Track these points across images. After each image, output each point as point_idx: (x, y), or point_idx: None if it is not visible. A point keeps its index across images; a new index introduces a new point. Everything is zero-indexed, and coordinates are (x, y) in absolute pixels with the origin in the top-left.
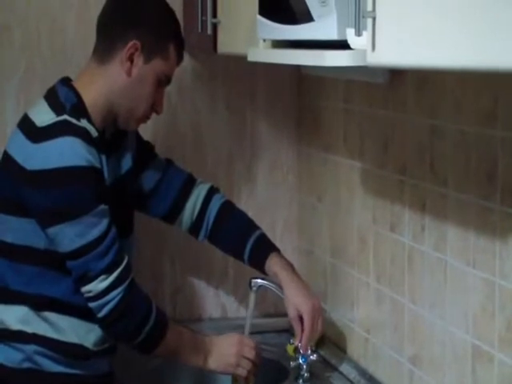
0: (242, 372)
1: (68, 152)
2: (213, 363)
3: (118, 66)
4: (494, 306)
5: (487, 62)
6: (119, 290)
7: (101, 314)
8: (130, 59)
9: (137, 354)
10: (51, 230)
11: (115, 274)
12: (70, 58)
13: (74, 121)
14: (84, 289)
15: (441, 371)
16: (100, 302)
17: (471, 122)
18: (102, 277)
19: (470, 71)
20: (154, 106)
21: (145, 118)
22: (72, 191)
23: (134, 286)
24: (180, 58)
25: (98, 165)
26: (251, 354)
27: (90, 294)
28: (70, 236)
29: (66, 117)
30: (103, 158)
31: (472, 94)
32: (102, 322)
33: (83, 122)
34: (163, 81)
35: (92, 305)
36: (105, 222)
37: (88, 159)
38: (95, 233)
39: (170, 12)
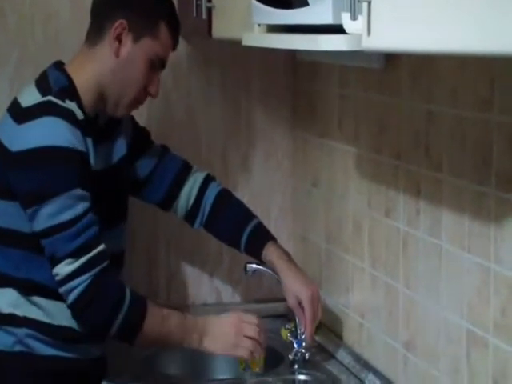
0: (245, 353)
1: (48, 132)
2: (209, 344)
3: (107, 48)
4: (489, 291)
5: (484, 46)
6: (85, 276)
7: (68, 301)
8: (118, 39)
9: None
10: (29, 212)
11: (83, 260)
12: (64, 44)
13: (58, 102)
14: (53, 271)
15: (435, 356)
16: (66, 287)
17: (467, 106)
18: (69, 260)
19: (466, 55)
20: (148, 89)
21: (136, 102)
22: (48, 171)
23: (104, 274)
24: (174, 40)
25: (81, 147)
26: (253, 332)
27: (58, 278)
28: (42, 216)
29: (50, 98)
30: (89, 141)
31: (468, 79)
32: (71, 310)
33: (69, 104)
34: (155, 62)
35: (60, 290)
36: (81, 207)
37: (69, 140)
38: (67, 215)
39: None
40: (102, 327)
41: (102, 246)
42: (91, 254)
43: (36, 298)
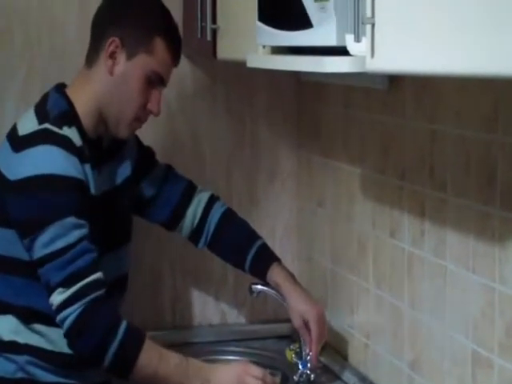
0: None
1: (43, 160)
2: None
3: (103, 67)
4: (494, 311)
5: (486, 68)
6: (77, 305)
7: (63, 331)
8: (112, 57)
9: None
10: (26, 242)
11: (74, 288)
12: (71, 61)
13: (55, 129)
14: (49, 301)
15: (440, 377)
16: (60, 316)
17: (471, 127)
18: (60, 289)
19: (469, 77)
20: (149, 107)
21: (138, 121)
22: (42, 199)
23: (97, 303)
24: (173, 56)
25: (77, 175)
26: None
27: (53, 307)
28: (38, 245)
29: (46, 125)
30: (87, 167)
31: (472, 99)
32: (66, 339)
33: (67, 131)
34: (153, 78)
35: (56, 319)
36: (74, 235)
37: (64, 168)
38: (59, 244)
39: (156, 6)
40: (94, 357)
41: (96, 275)
42: (83, 283)
43: (37, 326)
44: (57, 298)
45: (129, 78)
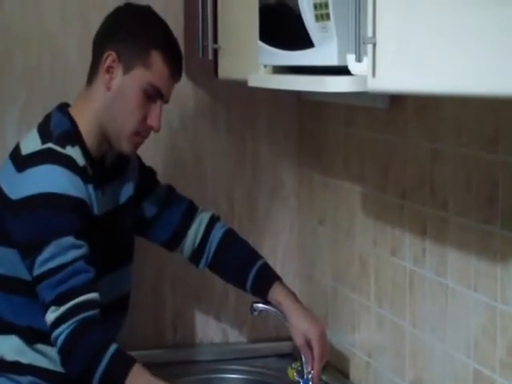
0: None
1: (44, 179)
2: None
3: (101, 83)
4: (496, 330)
5: (487, 88)
6: (67, 324)
7: (56, 350)
8: (109, 72)
9: None
10: (26, 263)
11: (64, 308)
12: (72, 84)
13: (58, 149)
14: (45, 319)
15: None
16: (53, 334)
17: (472, 146)
18: (52, 308)
19: (470, 97)
20: (148, 122)
21: (137, 136)
22: (40, 217)
23: (88, 323)
24: (171, 69)
25: (79, 194)
26: None
27: (48, 326)
28: (37, 264)
29: (50, 145)
30: (90, 187)
31: (473, 119)
32: (59, 358)
33: (70, 150)
34: (150, 92)
35: (51, 338)
36: (70, 255)
37: (65, 187)
38: (55, 262)
39: (152, 20)
40: (83, 377)
41: (91, 295)
42: (74, 302)
43: (39, 346)
44: (50, 316)
45: (126, 91)
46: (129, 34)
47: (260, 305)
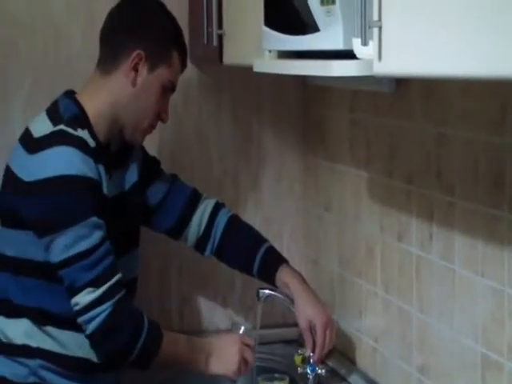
0: (238, 375)
1: (61, 161)
2: (215, 365)
3: (123, 77)
4: (503, 314)
5: (494, 70)
6: (105, 305)
7: (88, 331)
8: (135, 69)
9: None
10: (44, 240)
11: (102, 289)
12: (77, 71)
13: (70, 130)
14: (72, 301)
15: (450, 381)
16: (86, 316)
17: (478, 129)
18: (89, 289)
19: (476, 80)
20: (160, 115)
21: (151, 128)
22: (63, 201)
23: (123, 303)
24: (184, 65)
25: (93, 175)
26: (251, 357)
27: (77, 307)
28: (59, 246)
29: (62, 127)
30: (101, 168)
31: (479, 102)
32: (90, 340)
33: (81, 132)
34: (168, 88)
35: (79, 319)
36: (97, 235)
37: (81, 169)
38: (85, 245)
39: (172, 19)
40: (121, 355)
41: (119, 275)
42: (110, 283)
43: (49, 328)
44: (84, 298)
45: (149, 89)
46: (155, 33)
47: (266, 291)
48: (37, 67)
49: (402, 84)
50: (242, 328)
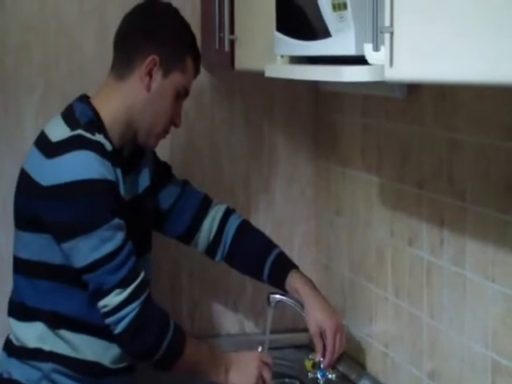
0: None
1: (81, 166)
2: (234, 378)
3: (138, 82)
4: None
5: (506, 77)
6: (134, 304)
7: (117, 331)
8: (149, 74)
9: (155, 371)
10: (66, 245)
11: (130, 289)
12: (89, 76)
13: (88, 135)
14: (100, 303)
15: None
16: (115, 317)
17: (490, 135)
18: (117, 291)
19: (488, 86)
20: (174, 120)
21: (164, 132)
22: (85, 205)
23: (149, 301)
24: (197, 70)
25: (112, 178)
26: (268, 375)
27: (106, 309)
28: (84, 250)
29: (80, 131)
30: (118, 172)
31: (491, 107)
32: (119, 339)
33: (98, 137)
34: (182, 93)
35: (108, 320)
36: (120, 236)
37: (102, 173)
38: (109, 247)
39: (186, 25)
40: (148, 353)
41: (142, 274)
42: (136, 283)
43: (63, 332)
44: (113, 299)
45: (163, 94)
46: (170, 39)
47: (277, 296)
48: (49, 72)
49: (413, 89)
50: (260, 348)
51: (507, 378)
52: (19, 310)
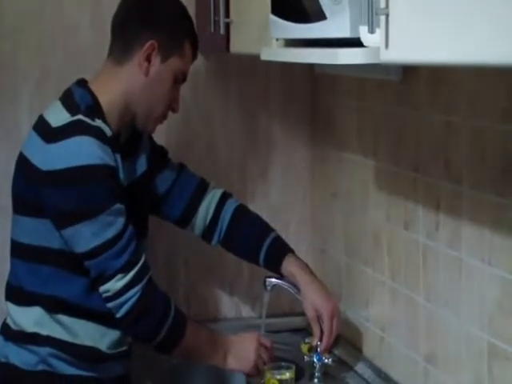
0: (255, 372)
1: (82, 151)
2: (232, 361)
3: (136, 67)
4: (510, 303)
5: (503, 57)
6: (136, 289)
7: (119, 314)
8: (148, 59)
9: (152, 354)
10: (67, 231)
11: (132, 273)
12: (85, 60)
13: (88, 120)
14: (102, 288)
15: (456, 369)
16: (118, 301)
17: (486, 117)
18: (119, 276)
19: (484, 67)
20: (172, 104)
21: (162, 117)
22: (87, 190)
23: (151, 285)
24: (195, 55)
25: (112, 163)
26: (267, 357)
27: (108, 294)
28: (86, 236)
29: (80, 116)
30: (118, 157)
31: (487, 90)
32: (121, 323)
33: (98, 122)
34: (180, 78)
35: (110, 305)
36: (121, 221)
37: (102, 158)
38: (111, 232)
39: (184, 9)
40: (148, 337)
41: (143, 257)
42: (138, 267)
43: (61, 317)
44: (115, 284)
45: (162, 79)
46: (168, 24)
47: (273, 279)
48: (45, 57)
49: (409, 72)
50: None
51: (503, 360)
52: (17, 295)
